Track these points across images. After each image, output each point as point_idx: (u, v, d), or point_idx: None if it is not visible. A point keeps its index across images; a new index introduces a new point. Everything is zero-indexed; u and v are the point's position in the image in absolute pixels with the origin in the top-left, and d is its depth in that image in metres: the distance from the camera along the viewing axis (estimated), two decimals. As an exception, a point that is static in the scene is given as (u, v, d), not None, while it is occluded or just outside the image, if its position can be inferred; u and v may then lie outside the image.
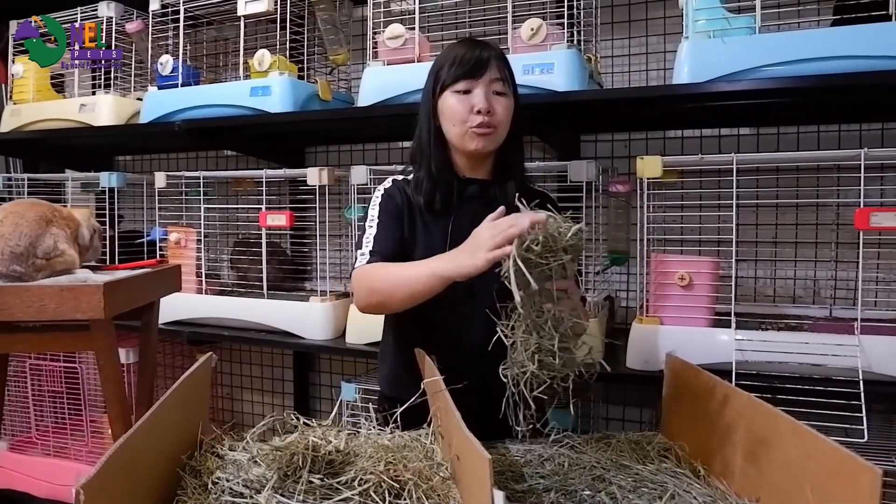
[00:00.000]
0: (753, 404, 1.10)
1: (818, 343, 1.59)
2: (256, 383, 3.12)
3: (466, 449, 0.92)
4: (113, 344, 1.62)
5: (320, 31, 2.44)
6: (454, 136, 1.46)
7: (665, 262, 1.76)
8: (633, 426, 2.35)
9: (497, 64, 1.44)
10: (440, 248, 1.42)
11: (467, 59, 1.42)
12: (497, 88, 1.44)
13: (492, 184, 1.51)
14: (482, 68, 1.42)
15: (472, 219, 1.45)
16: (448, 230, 1.47)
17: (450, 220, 1.47)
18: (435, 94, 1.47)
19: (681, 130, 2.30)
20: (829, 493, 0.89)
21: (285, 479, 1.01)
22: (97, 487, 0.76)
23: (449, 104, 1.44)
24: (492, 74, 1.43)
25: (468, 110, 1.42)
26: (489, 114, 1.41)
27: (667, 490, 1.10)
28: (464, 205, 1.49)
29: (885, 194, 1.99)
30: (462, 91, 1.42)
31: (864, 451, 1.54)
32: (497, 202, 1.45)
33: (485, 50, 1.44)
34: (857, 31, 1.59)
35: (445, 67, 1.45)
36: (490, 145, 1.45)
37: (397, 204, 1.50)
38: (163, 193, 2.48)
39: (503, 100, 1.44)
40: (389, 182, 1.56)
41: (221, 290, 2.48)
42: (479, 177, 1.51)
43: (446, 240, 1.45)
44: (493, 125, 1.43)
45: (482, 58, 1.42)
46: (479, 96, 1.41)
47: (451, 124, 1.45)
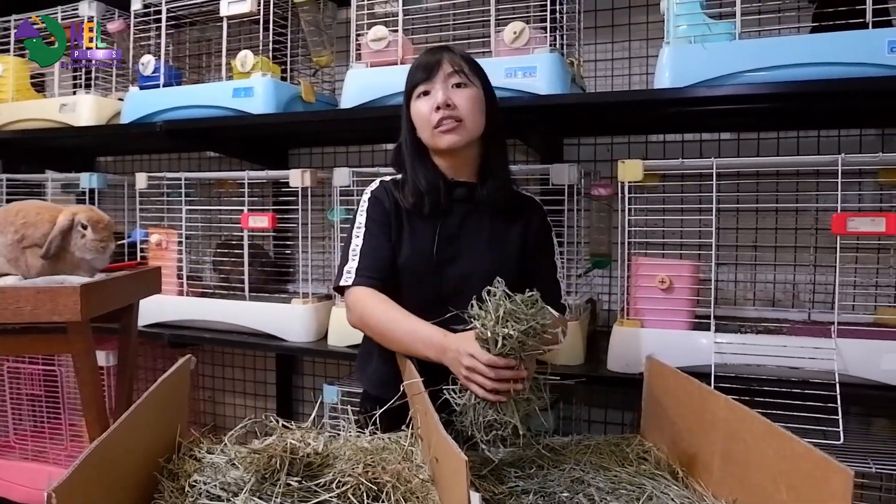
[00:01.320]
0: (730, 407, 1.11)
1: (796, 346, 1.61)
2: (239, 386, 3.10)
3: (444, 451, 0.92)
4: (90, 346, 1.61)
5: (304, 33, 2.44)
6: (427, 140, 1.47)
7: (646, 266, 1.77)
8: (614, 429, 2.35)
9: (449, 58, 1.45)
10: (428, 251, 1.45)
11: (423, 64, 1.46)
12: (455, 80, 1.44)
13: (478, 186, 1.51)
14: (435, 67, 1.44)
15: (460, 221, 1.49)
16: (436, 233, 1.47)
17: (438, 222, 1.48)
18: (408, 106, 1.50)
19: (663, 135, 2.31)
20: (803, 493, 0.90)
21: (263, 482, 1.01)
22: (70, 491, 0.76)
23: (415, 109, 1.47)
24: (445, 69, 1.44)
25: (431, 109, 1.43)
26: (449, 107, 1.42)
27: (645, 492, 1.11)
28: (452, 207, 1.49)
29: (862, 199, 2.02)
30: (423, 93, 1.45)
31: (841, 453, 1.56)
32: (484, 203, 1.49)
33: (437, 52, 1.48)
34: (836, 38, 1.61)
35: (407, 78, 1.48)
36: (460, 139, 1.44)
37: (385, 208, 1.50)
38: (144, 195, 2.45)
39: (464, 90, 1.44)
40: (377, 183, 1.56)
41: (203, 292, 2.47)
42: (464, 178, 1.51)
43: (434, 242, 1.46)
44: (457, 118, 1.43)
45: (433, 60, 1.45)
46: (438, 92, 1.43)
47: (422, 129, 1.47)
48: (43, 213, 1.66)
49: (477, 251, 1.47)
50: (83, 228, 1.65)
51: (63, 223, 1.63)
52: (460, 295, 1.41)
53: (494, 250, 1.48)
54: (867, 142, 2.09)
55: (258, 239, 2.63)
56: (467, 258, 1.47)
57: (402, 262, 1.47)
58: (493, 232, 1.49)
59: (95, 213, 1.69)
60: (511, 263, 1.48)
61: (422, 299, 1.45)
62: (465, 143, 1.45)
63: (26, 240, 1.63)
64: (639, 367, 1.53)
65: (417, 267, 1.46)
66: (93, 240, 1.65)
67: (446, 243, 1.47)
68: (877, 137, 2.08)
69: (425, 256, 1.46)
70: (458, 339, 1.26)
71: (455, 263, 1.46)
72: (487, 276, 1.41)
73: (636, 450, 1.31)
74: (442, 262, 1.46)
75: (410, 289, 1.47)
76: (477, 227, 1.49)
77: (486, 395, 1.19)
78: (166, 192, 2.44)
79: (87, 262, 1.68)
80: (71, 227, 1.64)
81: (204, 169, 3.04)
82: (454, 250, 1.47)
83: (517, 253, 1.50)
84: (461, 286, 1.43)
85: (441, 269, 1.46)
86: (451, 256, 1.47)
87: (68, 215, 1.65)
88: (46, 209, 1.68)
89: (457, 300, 1.42)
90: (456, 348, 1.24)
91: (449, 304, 1.42)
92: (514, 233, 1.51)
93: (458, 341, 1.25)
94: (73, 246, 1.65)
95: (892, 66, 1.54)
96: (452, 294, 1.42)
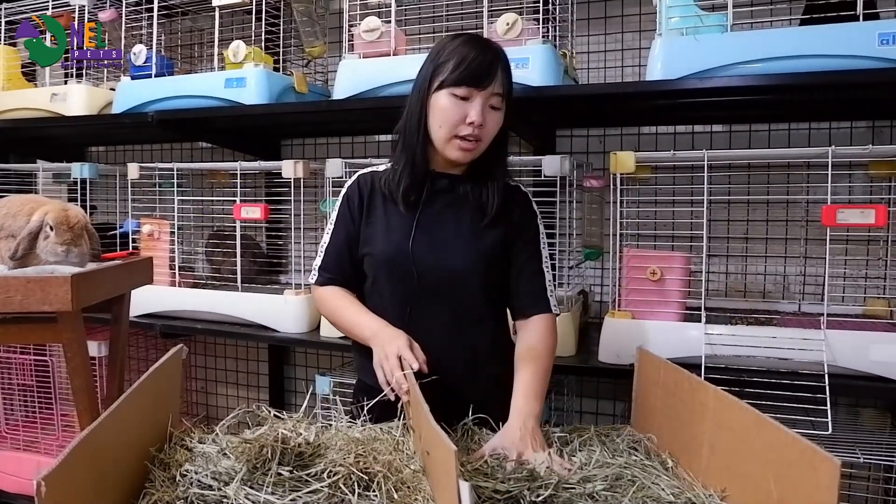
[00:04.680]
0: (719, 397, 1.12)
1: (785, 337, 1.61)
2: (231, 377, 3.10)
3: (435, 441, 0.92)
4: (81, 336, 1.60)
5: (296, 23, 2.43)
6: (438, 138, 1.41)
7: (637, 257, 1.77)
8: (606, 419, 2.37)
9: (502, 77, 1.39)
10: (404, 238, 1.43)
11: (475, 65, 1.35)
12: (494, 104, 1.38)
13: (462, 179, 1.48)
14: (487, 79, 1.36)
15: (438, 212, 1.46)
16: (413, 222, 1.44)
17: (416, 212, 1.45)
18: (431, 86, 1.39)
19: (655, 127, 2.32)
20: (791, 482, 0.91)
21: (254, 472, 1.01)
22: (60, 479, 0.76)
23: (442, 105, 1.38)
24: (494, 88, 1.37)
25: (461, 118, 1.36)
26: (480, 127, 1.37)
27: (635, 482, 1.12)
28: (431, 198, 1.47)
29: (853, 191, 2.03)
30: (460, 96, 1.36)
31: (830, 443, 1.58)
32: (464, 198, 1.46)
33: (495, 58, 1.38)
34: (827, 30, 1.62)
35: (450, 64, 1.36)
36: (468, 158, 1.42)
37: (353, 207, 1.49)
38: (136, 185, 2.45)
39: (496, 115, 1.40)
40: (353, 179, 1.53)
41: (195, 282, 2.46)
42: (451, 172, 1.49)
43: (411, 231, 1.43)
44: (479, 139, 1.39)
45: (490, 67, 1.36)
46: (475, 108, 1.36)
47: (439, 125, 1.39)
48: (25, 206, 1.63)
49: (455, 244, 1.44)
50: (50, 230, 1.59)
51: (32, 225, 1.58)
52: (438, 289, 1.43)
53: (473, 243, 1.44)
54: (857, 134, 2.10)
55: (250, 230, 2.63)
56: (444, 251, 1.43)
57: (377, 253, 1.45)
58: (474, 225, 1.45)
59: (64, 214, 1.61)
60: (491, 258, 1.45)
61: (399, 292, 1.44)
62: (470, 161, 1.44)
63: (3, 230, 1.62)
64: (630, 359, 1.54)
65: (393, 258, 1.43)
66: (54, 242, 1.58)
67: (422, 234, 1.44)
68: (867, 130, 2.10)
69: (400, 248, 1.43)
70: (393, 331, 1.34)
71: (431, 256, 1.42)
72: (465, 269, 1.43)
73: (627, 440, 1.32)
74: (417, 253, 1.42)
75: (388, 282, 1.46)
76: (456, 220, 1.46)
77: (383, 385, 1.28)
78: (158, 182, 2.43)
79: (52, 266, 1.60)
80: (40, 229, 1.59)
81: (196, 159, 3.03)
82: (430, 242, 1.43)
83: (498, 246, 1.46)
84: (438, 279, 1.42)
85: (416, 260, 1.42)
86: (428, 248, 1.43)
87: (41, 215, 1.60)
88: (32, 202, 1.66)
89: (435, 294, 1.43)
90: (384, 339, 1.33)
91: (427, 297, 1.43)
92: (496, 226, 1.46)
93: (391, 332, 1.34)
94: (38, 248, 1.60)
95: (883, 59, 1.55)
96: (431, 287, 1.42)
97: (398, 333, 1.33)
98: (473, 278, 1.44)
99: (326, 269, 1.51)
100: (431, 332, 1.38)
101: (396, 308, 1.43)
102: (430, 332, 1.37)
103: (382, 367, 1.29)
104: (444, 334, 1.41)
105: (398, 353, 1.28)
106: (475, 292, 1.45)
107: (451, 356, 1.38)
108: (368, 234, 1.48)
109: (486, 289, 1.46)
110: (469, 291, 1.44)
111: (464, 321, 1.44)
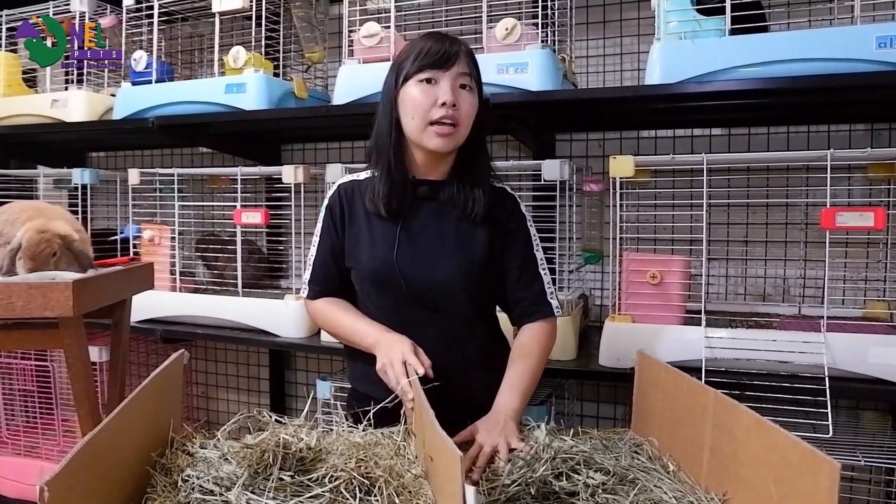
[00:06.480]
0: (720, 400, 1.12)
1: (786, 340, 1.62)
2: (232, 382, 3.10)
3: (439, 446, 0.92)
4: (82, 342, 1.60)
5: (296, 29, 2.44)
6: (413, 131, 1.37)
7: (637, 261, 1.78)
8: (606, 423, 2.37)
9: (466, 59, 1.37)
10: (388, 249, 1.40)
11: (434, 51, 1.34)
12: (464, 82, 1.36)
13: (444, 184, 1.44)
14: (450, 60, 1.35)
15: (422, 221, 1.43)
16: (397, 231, 1.41)
17: (399, 221, 1.42)
18: (397, 85, 1.38)
19: (654, 131, 2.32)
20: (791, 485, 0.91)
21: (256, 477, 1.02)
22: (63, 484, 0.76)
23: (411, 95, 1.35)
24: (459, 68, 1.35)
25: (431, 102, 1.34)
26: (454, 107, 1.33)
27: (637, 485, 1.12)
28: (414, 206, 1.43)
29: (852, 194, 2.03)
30: (426, 80, 1.34)
31: (831, 446, 1.58)
32: (448, 203, 1.43)
33: (453, 44, 1.37)
34: (825, 33, 1.63)
35: (410, 58, 1.36)
36: (449, 146, 1.37)
37: (336, 218, 1.47)
38: (136, 190, 2.45)
39: (468, 95, 1.37)
40: (334, 189, 1.50)
41: (196, 287, 2.46)
42: (433, 177, 1.45)
43: (395, 241, 1.41)
44: (456, 121, 1.35)
45: (451, 50, 1.35)
46: (444, 88, 1.33)
47: (411, 117, 1.36)
48: (24, 214, 1.65)
49: (441, 253, 1.41)
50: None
51: (14, 244, 1.61)
52: (426, 299, 1.41)
53: (460, 252, 1.42)
54: (856, 137, 2.11)
55: (251, 235, 2.63)
56: (430, 261, 1.41)
57: (362, 266, 1.43)
58: (460, 232, 1.42)
59: (36, 238, 1.62)
60: (479, 265, 1.42)
61: (386, 305, 1.43)
62: (451, 150, 1.40)
63: (2, 237, 1.63)
64: (630, 362, 1.54)
65: (379, 270, 1.41)
66: (20, 267, 1.61)
67: (407, 245, 1.41)
68: (866, 132, 2.10)
69: (385, 260, 1.40)
70: (396, 336, 1.34)
71: (417, 267, 1.40)
72: (452, 279, 1.41)
73: (628, 443, 1.32)
74: (403, 265, 1.39)
75: (376, 294, 1.44)
76: (440, 228, 1.43)
77: (394, 387, 1.26)
78: (159, 187, 2.44)
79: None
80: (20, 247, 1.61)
81: (196, 165, 3.04)
82: (415, 252, 1.41)
83: (486, 253, 1.43)
84: (426, 290, 1.40)
85: (403, 272, 1.39)
86: (413, 260, 1.40)
87: (23, 232, 1.62)
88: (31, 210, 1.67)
89: (423, 304, 1.42)
90: (389, 345, 1.32)
91: (416, 307, 1.41)
92: (483, 231, 1.43)
93: (394, 337, 1.34)
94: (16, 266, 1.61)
95: (881, 62, 1.55)
96: (419, 298, 1.41)
97: (401, 338, 1.33)
98: (461, 287, 1.42)
99: (315, 282, 1.50)
100: (422, 341, 1.35)
101: (386, 319, 1.41)
102: (421, 341, 1.35)
103: (387, 373, 1.28)
104: (434, 343, 1.37)
105: (403, 358, 1.27)
106: (463, 301, 1.43)
107: (442, 364, 1.36)
108: (352, 246, 1.45)
109: (474, 296, 1.44)
110: (457, 300, 1.42)
111: (454, 329, 1.43)
